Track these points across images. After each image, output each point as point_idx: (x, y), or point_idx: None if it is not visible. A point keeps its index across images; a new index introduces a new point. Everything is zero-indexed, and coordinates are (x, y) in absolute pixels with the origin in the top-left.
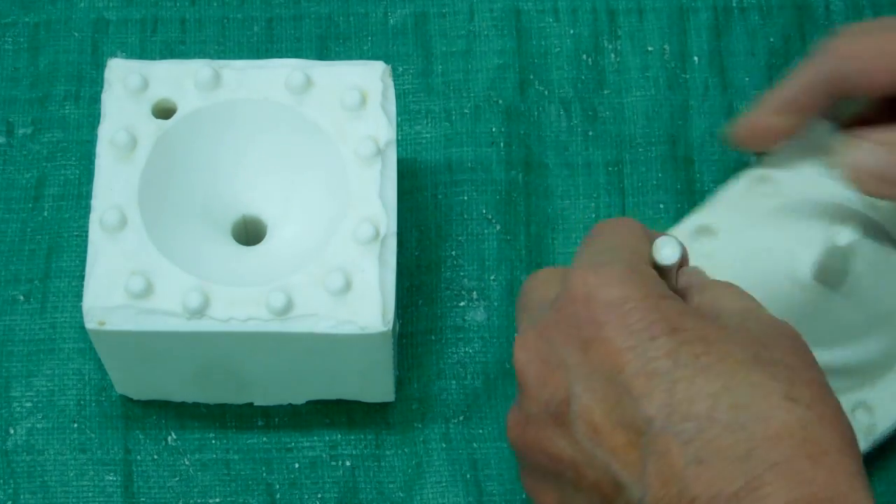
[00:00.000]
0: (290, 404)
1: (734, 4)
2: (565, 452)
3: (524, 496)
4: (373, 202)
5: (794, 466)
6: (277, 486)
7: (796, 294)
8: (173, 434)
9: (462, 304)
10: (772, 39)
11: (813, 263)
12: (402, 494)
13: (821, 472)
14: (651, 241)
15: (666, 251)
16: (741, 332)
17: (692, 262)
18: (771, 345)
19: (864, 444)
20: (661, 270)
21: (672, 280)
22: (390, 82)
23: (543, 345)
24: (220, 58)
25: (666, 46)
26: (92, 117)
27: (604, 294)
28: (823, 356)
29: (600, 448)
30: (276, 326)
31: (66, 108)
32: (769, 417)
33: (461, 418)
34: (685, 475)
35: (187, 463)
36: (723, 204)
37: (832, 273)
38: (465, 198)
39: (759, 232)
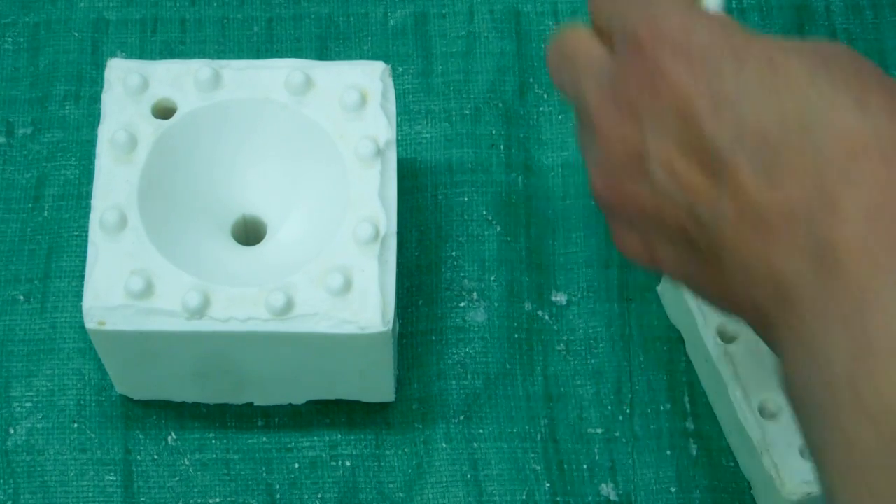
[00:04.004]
0: (290, 404)
1: (734, 5)
2: (648, 200)
3: (524, 496)
4: (373, 202)
5: (869, 176)
6: (277, 486)
7: None
8: (173, 434)
9: (462, 304)
10: None
11: None
12: (402, 494)
13: None
14: None
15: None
16: (805, 52)
17: None
18: (836, 59)
19: None
20: None
21: None
22: (390, 82)
23: (617, 99)
24: (220, 58)
25: None
26: (92, 117)
27: (668, 33)
28: None
29: (679, 188)
30: (275, 326)
31: (66, 108)
32: (841, 130)
33: (461, 418)
34: (759, 197)
35: (187, 463)
36: None
37: None
38: (466, 199)
39: None
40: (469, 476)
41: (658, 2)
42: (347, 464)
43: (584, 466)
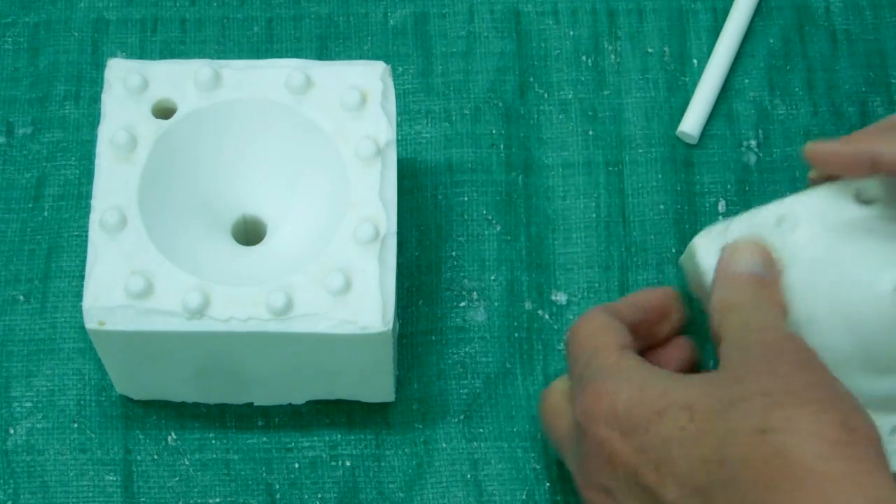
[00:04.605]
0: (290, 404)
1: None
2: None
3: (524, 496)
4: (373, 202)
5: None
6: (277, 486)
7: (870, 304)
8: (173, 434)
9: (462, 304)
10: (771, 41)
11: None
12: (402, 494)
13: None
14: (618, 319)
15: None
16: (719, 389)
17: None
18: (741, 390)
19: None
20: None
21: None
22: (390, 82)
23: (591, 479)
24: (220, 58)
25: (666, 48)
26: (92, 117)
27: (600, 404)
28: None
29: None
30: (276, 326)
31: (66, 108)
32: (751, 458)
33: (461, 418)
34: None
35: (187, 463)
36: (812, 198)
37: None
38: (466, 198)
39: (843, 236)
40: (469, 476)
41: (590, 370)
42: (347, 464)
43: None
